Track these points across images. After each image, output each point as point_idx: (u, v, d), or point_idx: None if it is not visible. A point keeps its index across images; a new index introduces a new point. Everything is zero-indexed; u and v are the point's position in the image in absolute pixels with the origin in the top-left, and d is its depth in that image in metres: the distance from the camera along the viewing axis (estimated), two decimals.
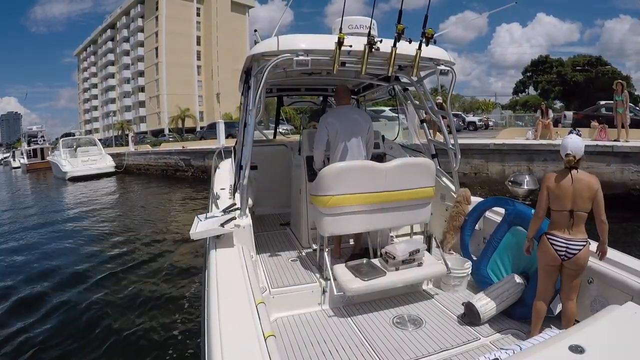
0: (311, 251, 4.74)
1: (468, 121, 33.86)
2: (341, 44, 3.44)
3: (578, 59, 57.28)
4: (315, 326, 3.56)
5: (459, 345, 3.20)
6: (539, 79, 59.32)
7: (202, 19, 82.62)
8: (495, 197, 4.65)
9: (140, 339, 5.82)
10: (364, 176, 3.87)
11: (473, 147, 14.59)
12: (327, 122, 4.41)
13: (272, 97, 7.27)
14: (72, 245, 11.60)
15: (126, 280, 8.25)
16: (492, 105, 62.25)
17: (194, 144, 33.00)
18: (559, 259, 3.06)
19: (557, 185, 3.08)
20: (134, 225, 14.03)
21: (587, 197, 2.99)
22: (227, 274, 2.85)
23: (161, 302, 7.08)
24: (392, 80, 5.31)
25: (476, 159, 14.58)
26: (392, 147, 5.78)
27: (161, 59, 78.32)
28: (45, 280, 8.33)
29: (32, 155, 46.79)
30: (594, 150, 12.21)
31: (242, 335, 2.10)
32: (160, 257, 9.88)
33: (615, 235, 5.40)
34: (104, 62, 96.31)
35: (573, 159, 3.03)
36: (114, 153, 37.04)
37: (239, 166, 4.02)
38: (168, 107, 73.17)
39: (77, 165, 32.34)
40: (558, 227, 3.09)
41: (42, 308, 6.98)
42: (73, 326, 6.36)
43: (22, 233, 13.67)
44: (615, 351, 2.11)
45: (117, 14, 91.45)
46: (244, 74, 4.56)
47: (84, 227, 14.26)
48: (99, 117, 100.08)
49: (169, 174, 29.35)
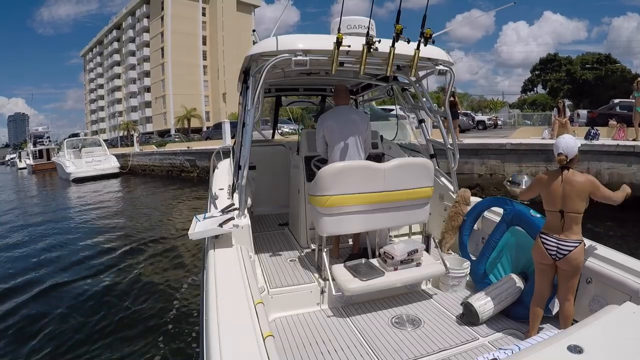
0: (310, 251, 4.73)
1: (477, 120, 33.80)
2: (340, 44, 3.43)
3: (587, 57, 56.91)
4: (313, 326, 3.56)
5: (458, 345, 3.20)
6: (548, 77, 58.95)
7: (208, 18, 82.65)
8: (493, 197, 4.65)
9: (139, 339, 5.84)
10: (362, 176, 3.87)
11: (489, 147, 14.16)
12: (325, 123, 4.42)
13: (270, 97, 7.27)
14: (72, 245, 11.64)
15: (124, 281, 8.30)
16: (501, 104, 61.91)
17: (199, 144, 32.51)
18: (550, 258, 3.07)
19: (547, 185, 3.11)
20: (135, 226, 14.06)
21: (578, 198, 2.98)
22: (225, 274, 2.85)
23: (160, 302, 7.10)
24: (390, 80, 5.32)
25: (492, 160, 14.02)
26: (390, 147, 5.78)
27: (167, 59, 78.41)
28: (39, 286, 8.25)
29: (38, 156, 46.93)
30: (614, 150, 11.90)
31: (241, 335, 2.10)
32: (159, 257, 9.94)
33: None
34: (110, 62, 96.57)
35: (565, 158, 3.04)
36: (119, 153, 36.99)
37: (238, 166, 4.03)
38: (174, 107, 73.17)
39: (81, 166, 32.22)
40: (550, 227, 3.12)
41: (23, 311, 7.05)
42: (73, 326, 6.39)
43: (22, 231, 13.96)
44: (614, 351, 2.11)
45: (123, 14, 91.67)
46: (242, 74, 4.58)
47: (83, 228, 14.33)
48: (105, 117, 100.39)
49: (174, 174, 29.16)
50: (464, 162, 13.79)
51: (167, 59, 78.18)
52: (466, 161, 13.96)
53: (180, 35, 77.09)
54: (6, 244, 12.33)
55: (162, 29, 78.60)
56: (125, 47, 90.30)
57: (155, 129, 77.33)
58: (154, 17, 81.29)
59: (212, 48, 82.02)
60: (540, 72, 61.54)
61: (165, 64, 78.70)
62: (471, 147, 14.32)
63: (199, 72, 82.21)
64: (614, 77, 51.61)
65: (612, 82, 50.33)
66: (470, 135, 21.96)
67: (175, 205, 18.24)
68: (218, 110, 76.20)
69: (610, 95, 35.00)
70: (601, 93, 47.49)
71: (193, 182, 25.09)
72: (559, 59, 59.66)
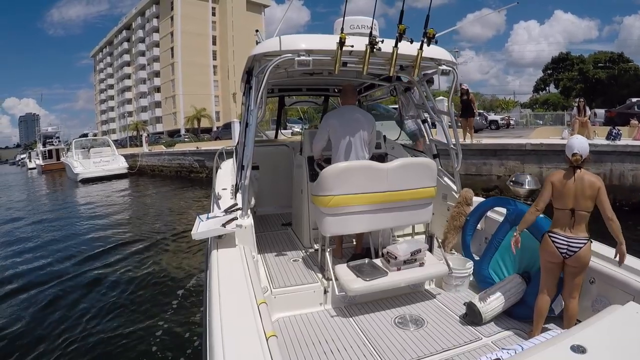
0: (313, 251, 4.73)
1: (490, 120, 33.64)
2: (343, 44, 3.45)
3: (599, 56, 56.46)
4: (317, 326, 3.56)
5: (461, 345, 3.19)
6: (560, 77, 58.48)
7: (218, 18, 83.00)
8: (496, 197, 4.63)
9: (142, 339, 5.88)
10: (365, 176, 3.87)
11: (508, 148, 13.70)
12: (329, 122, 4.44)
13: (273, 97, 7.28)
14: (74, 245, 11.73)
15: (125, 281, 8.37)
16: (513, 103, 61.19)
17: (208, 144, 32.24)
18: (560, 256, 3.08)
19: (560, 184, 3.12)
20: (139, 226, 14.22)
21: (589, 197, 3.01)
22: (228, 274, 2.86)
23: (163, 301, 7.13)
24: (393, 80, 5.32)
25: (511, 161, 13.49)
26: (393, 147, 5.77)
27: (177, 59, 78.83)
28: (40, 289, 8.33)
29: (48, 156, 47.31)
30: (639, 151, 11.50)
31: (244, 335, 2.11)
32: (162, 256, 10.02)
33: None
34: (119, 63, 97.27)
35: (580, 158, 3.07)
36: (127, 154, 37.03)
37: (241, 166, 4.04)
38: (184, 107, 73.49)
39: (89, 167, 32.26)
40: (560, 225, 3.12)
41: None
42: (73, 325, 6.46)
43: (24, 229, 14.43)
44: (617, 351, 2.12)
45: (133, 14, 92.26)
46: (245, 74, 4.59)
47: (85, 227, 14.49)
48: (116, 117, 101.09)
49: (183, 175, 29.10)
50: (482, 163, 13.72)
51: (177, 59, 78.59)
52: (484, 162, 13.78)
53: (190, 35, 77.46)
54: (6, 241, 12.72)
55: (172, 29, 79.04)
56: (135, 48, 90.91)
57: (165, 129, 77.82)
58: (163, 17, 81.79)
59: (222, 48, 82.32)
60: (552, 71, 61.11)
61: (175, 64, 79.12)
62: (490, 147, 14.07)
63: (209, 72, 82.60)
64: (627, 76, 51.13)
65: (626, 81, 49.87)
66: (484, 135, 21.71)
67: (182, 206, 18.26)
68: (228, 110, 76.41)
69: (624, 95, 34.67)
70: (614, 92, 47.02)
71: (202, 182, 24.79)
72: (571, 58, 59.25)
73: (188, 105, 69.79)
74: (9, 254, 11.12)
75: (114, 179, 31.17)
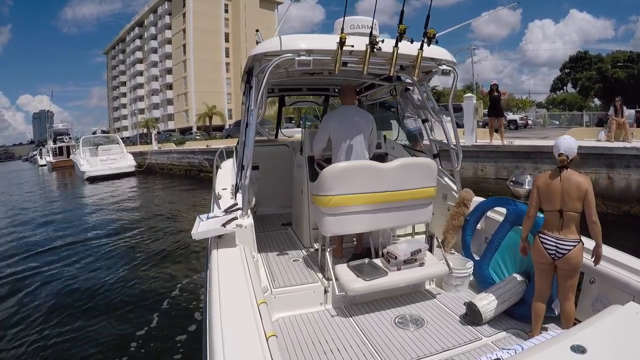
0: (313, 251, 4.74)
1: (509, 119, 33.12)
2: (343, 44, 3.45)
3: (618, 55, 54.91)
4: (317, 326, 3.56)
5: (461, 345, 3.18)
6: (578, 76, 57.13)
7: (230, 15, 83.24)
8: (496, 197, 4.61)
9: (142, 339, 5.90)
10: (365, 176, 3.87)
11: (543, 151, 12.33)
12: (329, 122, 4.45)
13: (273, 97, 7.28)
14: (77, 245, 11.76)
15: (125, 280, 8.39)
16: (530, 103, 60.10)
17: (219, 142, 30.25)
18: (549, 257, 3.07)
19: (546, 185, 3.12)
20: (140, 225, 14.18)
21: (576, 197, 2.99)
22: (228, 274, 2.88)
23: (163, 301, 7.13)
24: (394, 80, 5.31)
25: (547, 165, 11.75)
26: (394, 147, 5.76)
27: (189, 56, 79.17)
28: (44, 284, 8.51)
29: (58, 153, 46.86)
30: None
31: (244, 335, 2.12)
32: (162, 256, 10.03)
33: None
34: (132, 60, 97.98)
35: (566, 158, 3.06)
36: (137, 151, 36.68)
37: (241, 166, 4.07)
38: (196, 105, 73.48)
39: (96, 165, 31.86)
40: (549, 227, 3.12)
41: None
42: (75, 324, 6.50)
43: (26, 226, 14.79)
44: (617, 351, 2.11)
45: (145, 11, 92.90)
46: (245, 74, 4.62)
47: (86, 227, 14.54)
48: (128, 115, 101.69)
49: (193, 174, 28.58)
50: (514, 166, 13.08)
51: (189, 56, 78.90)
52: (517, 165, 13.04)
53: (202, 32, 77.70)
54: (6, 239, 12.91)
55: (184, 25, 79.37)
56: (148, 45, 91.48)
57: (177, 126, 78.19)
58: (175, 14, 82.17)
59: (235, 45, 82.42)
60: (570, 70, 59.84)
61: (187, 61, 79.47)
62: (523, 149, 13.25)
63: (221, 69, 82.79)
64: None
65: None
66: (513, 135, 20.42)
67: (186, 207, 18.10)
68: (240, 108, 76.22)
69: None
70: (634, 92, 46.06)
71: (212, 183, 24.35)
72: (590, 57, 57.77)
73: (200, 102, 69.80)
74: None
75: (122, 177, 30.77)
